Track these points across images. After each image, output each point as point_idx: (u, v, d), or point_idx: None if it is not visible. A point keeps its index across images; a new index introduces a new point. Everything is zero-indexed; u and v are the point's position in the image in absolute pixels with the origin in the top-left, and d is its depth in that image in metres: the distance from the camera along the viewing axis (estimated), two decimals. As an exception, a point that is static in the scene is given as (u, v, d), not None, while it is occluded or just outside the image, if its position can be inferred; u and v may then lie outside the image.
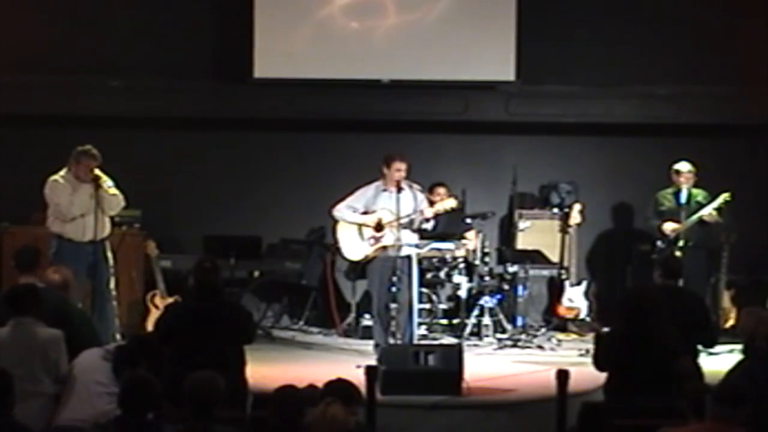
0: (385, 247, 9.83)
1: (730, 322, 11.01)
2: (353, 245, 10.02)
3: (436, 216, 10.22)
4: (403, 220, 9.79)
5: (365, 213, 9.97)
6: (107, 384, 6.49)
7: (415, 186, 10.05)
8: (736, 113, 11.90)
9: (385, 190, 9.95)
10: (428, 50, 11.88)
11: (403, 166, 9.87)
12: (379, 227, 9.88)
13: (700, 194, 10.92)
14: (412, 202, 9.94)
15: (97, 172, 9.49)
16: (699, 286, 10.27)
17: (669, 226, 10.85)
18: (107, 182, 9.54)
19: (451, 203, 10.11)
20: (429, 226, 10.31)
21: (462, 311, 10.95)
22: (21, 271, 7.70)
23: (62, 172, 9.61)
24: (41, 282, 7.56)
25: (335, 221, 10.16)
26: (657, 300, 7.15)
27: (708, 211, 10.79)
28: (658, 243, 10.90)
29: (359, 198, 10.03)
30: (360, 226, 9.92)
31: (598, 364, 7.20)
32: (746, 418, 5.32)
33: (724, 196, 10.78)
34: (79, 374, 6.58)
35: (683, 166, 10.93)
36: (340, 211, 10.04)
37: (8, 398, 5.56)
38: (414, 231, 10.00)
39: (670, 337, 7.02)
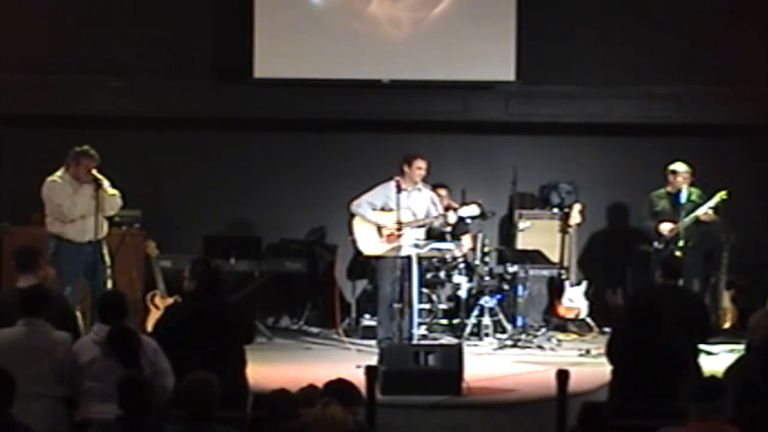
0: (400, 246, 9.93)
1: (730, 322, 11.01)
2: (370, 240, 10.12)
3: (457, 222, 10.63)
4: (425, 221, 10.17)
5: (382, 210, 10.09)
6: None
7: (423, 184, 10.30)
8: (736, 113, 11.89)
9: (404, 189, 10.05)
10: (428, 50, 11.88)
11: (424, 164, 10.22)
12: (399, 227, 9.98)
13: (694, 193, 10.92)
14: (426, 201, 10.22)
15: (95, 172, 9.47)
16: (695, 286, 10.28)
17: (666, 227, 10.84)
18: (105, 183, 9.53)
19: (474, 210, 10.37)
20: (448, 228, 10.77)
21: (462, 311, 10.96)
22: (21, 270, 7.68)
23: (60, 173, 9.59)
24: (39, 281, 7.56)
25: (352, 215, 10.23)
26: (659, 301, 7.15)
27: (704, 210, 10.78)
28: (655, 244, 10.90)
29: (378, 195, 10.19)
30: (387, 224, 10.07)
31: (610, 356, 7.18)
32: (732, 410, 5.30)
33: (720, 195, 10.76)
34: (86, 369, 6.58)
35: (681, 167, 10.93)
36: (361, 206, 10.20)
37: (9, 398, 5.56)
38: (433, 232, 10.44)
39: (673, 338, 7.01)
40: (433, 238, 10.53)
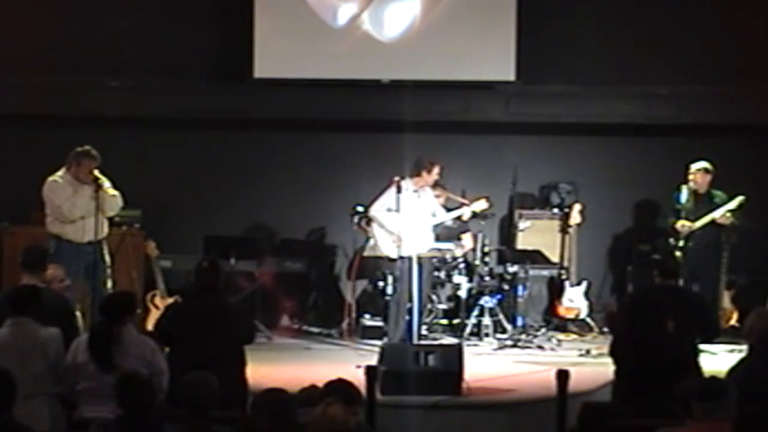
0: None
1: (731, 322, 11.01)
2: (390, 242, 10.13)
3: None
4: (440, 220, 10.33)
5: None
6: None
7: None
8: (736, 113, 11.89)
9: (415, 191, 10.10)
10: (428, 50, 11.88)
11: (439, 169, 10.33)
12: (415, 228, 10.06)
13: (718, 196, 10.91)
14: (432, 199, 10.38)
15: (96, 172, 9.48)
16: (708, 286, 10.28)
17: (681, 224, 10.84)
18: (105, 183, 9.53)
19: (482, 205, 10.47)
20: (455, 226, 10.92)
21: (462, 311, 10.96)
22: (25, 269, 7.67)
23: (60, 173, 9.59)
24: (43, 282, 7.56)
25: (369, 220, 10.24)
26: (659, 302, 7.15)
27: (721, 213, 10.79)
28: (671, 240, 10.89)
29: (389, 198, 10.15)
30: (401, 226, 10.06)
31: (614, 357, 7.16)
32: (733, 411, 5.30)
33: (739, 199, 10.77)
34: (82, 369, 6.59)
35: (697, 166, 10.92)
36: (380, 213, 10.18)
37: (9, 398, 5.56)
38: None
39: (672, 338, 7.01)
40: (435, 238, 10.55)
